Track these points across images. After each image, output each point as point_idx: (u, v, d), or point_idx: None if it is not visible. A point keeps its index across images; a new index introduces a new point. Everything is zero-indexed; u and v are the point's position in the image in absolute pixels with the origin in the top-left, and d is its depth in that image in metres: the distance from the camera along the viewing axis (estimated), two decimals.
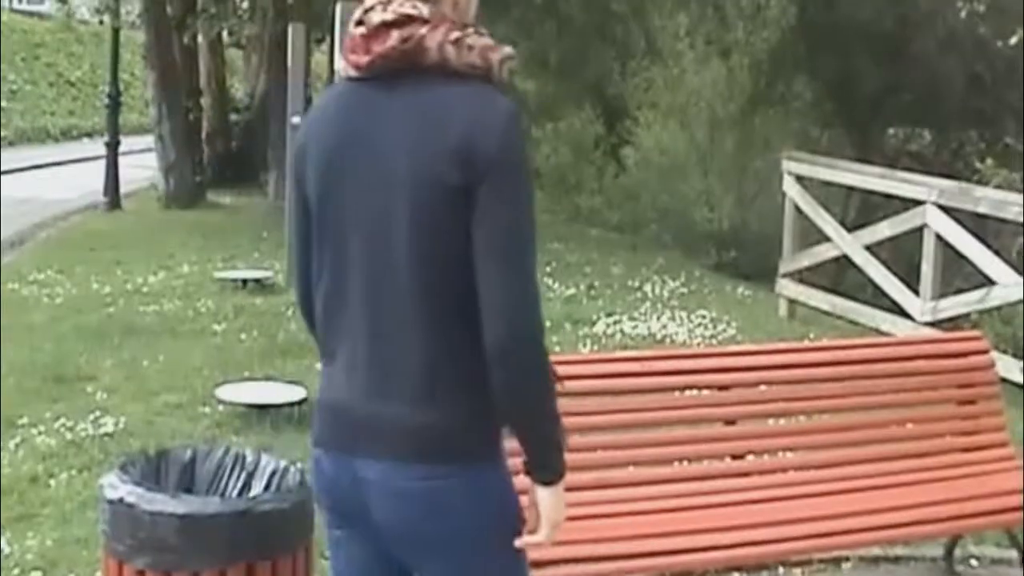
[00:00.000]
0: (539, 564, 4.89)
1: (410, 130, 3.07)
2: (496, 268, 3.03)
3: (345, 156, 3.16)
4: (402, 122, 3.08)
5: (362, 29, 3.13)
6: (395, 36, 3.07)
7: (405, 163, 3.07)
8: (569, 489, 4.63)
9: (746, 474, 5.81)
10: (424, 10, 3.09)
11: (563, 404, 5.50)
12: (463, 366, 3.10)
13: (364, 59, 3.13)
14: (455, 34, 3.08)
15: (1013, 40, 14.12)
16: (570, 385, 5.65)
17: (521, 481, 3.22)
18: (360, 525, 3.26)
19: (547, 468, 3.18)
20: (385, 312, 3.13)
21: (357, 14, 3.16)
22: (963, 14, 14.92)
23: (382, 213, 3.10)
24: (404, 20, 3.08)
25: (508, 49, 3.16)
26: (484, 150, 3.01)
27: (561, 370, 5.62)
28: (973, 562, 6.57)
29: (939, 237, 11.43)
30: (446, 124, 3.04)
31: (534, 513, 3.22)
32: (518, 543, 3.23)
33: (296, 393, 8.55)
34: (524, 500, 3.24)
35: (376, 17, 3.10)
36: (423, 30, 3.07)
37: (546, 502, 3.19)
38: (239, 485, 4.47)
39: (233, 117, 27.55)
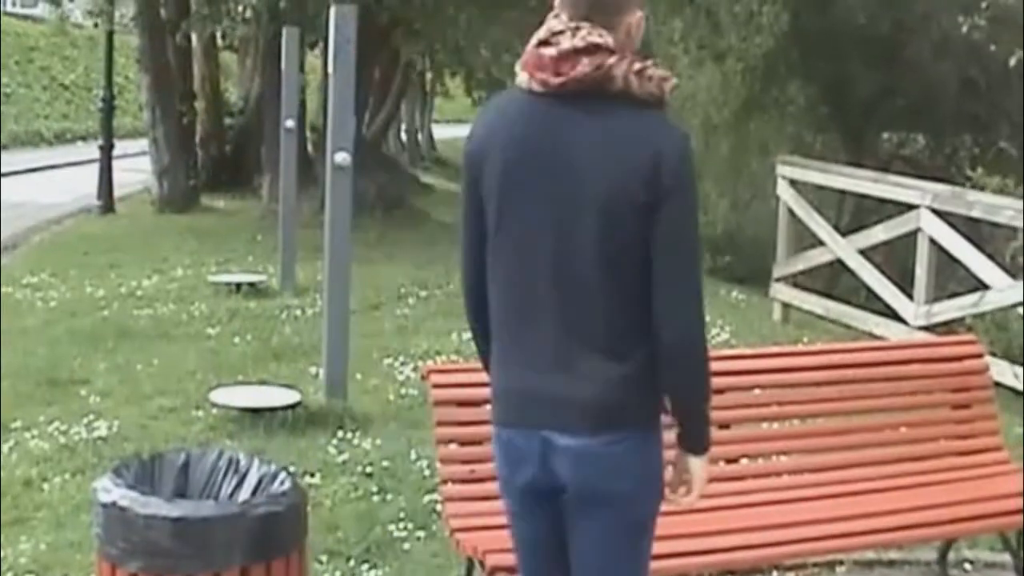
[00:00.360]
0: None
1: (601, 150, 3.52)
2: (669, 272, 3.55)
3: (530, 165, 3.60)
4: (591, 142, 3.53)
5: (552, 51, 3.55)
6: (586, 63, 3.50)
7: (596, 179, 3.53)
8: None
9: (740, 478, 5.81)
10: (609, 40, 3.51)
11: None
12: (637, 353, 3.61)
13: (556, 80, 3.54)
14: (637, 65, 3.53)
15: (1012, 61, 14.12)
16: None
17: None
18: (541, 495, 3.74)
19: (699, 442, 3.79)
20: (572, 305, 3.62)
21: (542, 34, 3.60)
22: (964, 29, 14.87)
23: (571, 220, 3.57)
24: (592, 48, 3.50)
25: (674, 79, 3.64)
26: (667, 174, 3.49)
27: None
28: (967, 566, 6.57)
29: (933, 241, 11.44)
30: (636, 149, 3.51)
31: (678, 478, 3.83)
32: (675, 503, 3.85)
33: (290, 397, 8.54)
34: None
35: (567, 43, 3.53)
36: (611, 60, 3.50)
37: (696, 469, 3.80)
38: (233, 489, 4.47)
39: (227, 121, 27.53)
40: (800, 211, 13.43)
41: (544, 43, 3.58)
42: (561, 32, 3.56)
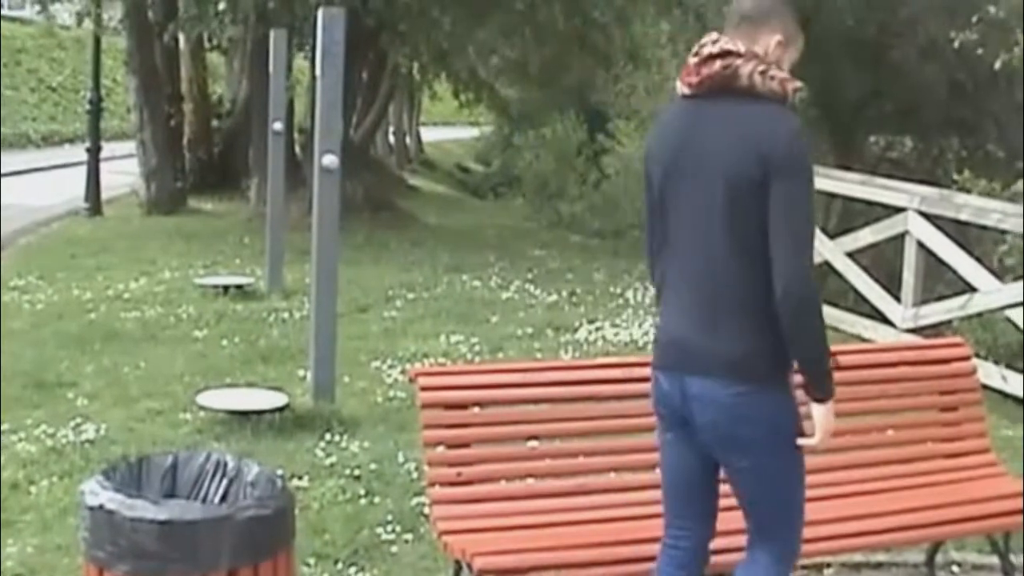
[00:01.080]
0: (521, 570, 4.89)
1: (727, 137, 4.25)
2: (781, 240, 4.16)
3: (681, 156, 4.37)
4: (721, 131, 4.28)
5: (696, 59, 4.34)
6: (718, 64, 4.28)
7: (723, 161, 4.24)
8: (549, 495, 4.70)
9: (727, 480, 5.81)
10: (741, 47, 4.29)
11: (544, 411, 5.50)
12: (762, 311, 4.23)
13: (694, 79, 4.35)
14: (762, 67, 4.27)
15: (997, 65, 14.13)
16: (552, 392, 5.67)
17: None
18: (685, 429, 4.43)
19: (818, 389, 4.36)
20: (708, 271, 4.32)
21: (695, 48, 4.38)
22: (956, 44, 14.88)
23: (706, 198, 4.29)
24: (725, 53, 4.28)
25: (799, 82, 4.34)
26: (777, 155, 4.17)
27: (543, 377, 5.62)
28: (955, 568, 6.58)
29: (921, 244, 11.46)
30: (752, 134, 4.22)
31: (810, 424, 4.38)
32: (800, 442, 4.38)
33: (277, 399, 8.54)
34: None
35: (706, 50, 4.32)
36: (739, 62, 4.27)
37: (819, 416, 4.38)
38: (220, 491, 4.47)
39: (215, 123, 27.50)
40: None
41: (694, 54, 4.36)
42: (704, 44, 4.35)
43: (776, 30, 4.40)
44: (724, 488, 4.61)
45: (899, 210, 11.79)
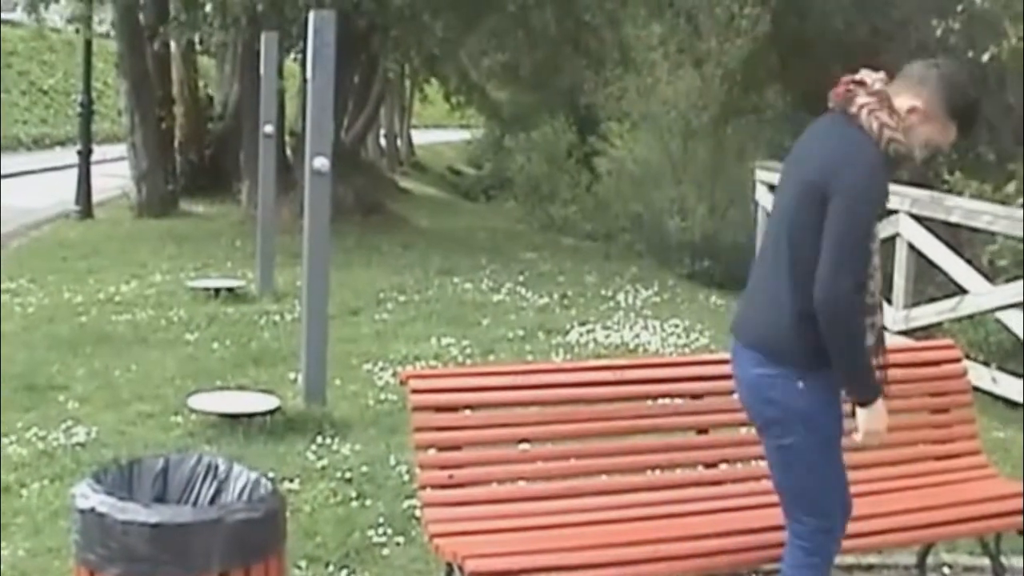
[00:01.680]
0: (512, 573, 4.89)
1: (818, 149, 4.70)
2: (828, 254, 4.49)
3: (790, 157, 4.89)
4: (817, 142, 4.75)
5: (841, 80, 4.76)
6: (844, 87, 4.72)
7: (806, 167, 4.68)
8: (541, 498, 4.70)
9: (719, 482, 5.82)
10: (875, 85, 4.71)
11: (535, 414, 5.50)
12: (799, 308, 4.57)
13: (830, 96, 4.76)
14: (874, 105, 4.65)
15: (985, 57, 14.15)
16: (543, 394, 5.67)
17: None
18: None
19: (856, 392, 4.70)
20: (771, 257, 4.77)
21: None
22: (939, 32, 14.91)
23: (786, 196, 4.81)
24: (858, 82, 4.72)
25: (895, 135, 4.64)
26: (844, 175, 4.52)
27: (534, 379, 5.62)
28: (946, 570, 6.58)
29: (911, 246, 11.48)
30: (834, 152, 4.62)
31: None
32: (846, 441, 4.80)
33: (268, 402, 8.54)
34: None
35: (855, 76, 4.76)
36: (860, 91, 4.69)
37: (861, 417, 4.70)
38: (211, 494, 4.47)
39: (206, 126, 27.49)
40: None
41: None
42: (860, 71, 4.81)
43: (919, 98, 4.69)
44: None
45: (890, 212, 11.80)
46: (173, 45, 24.54)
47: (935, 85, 4.70)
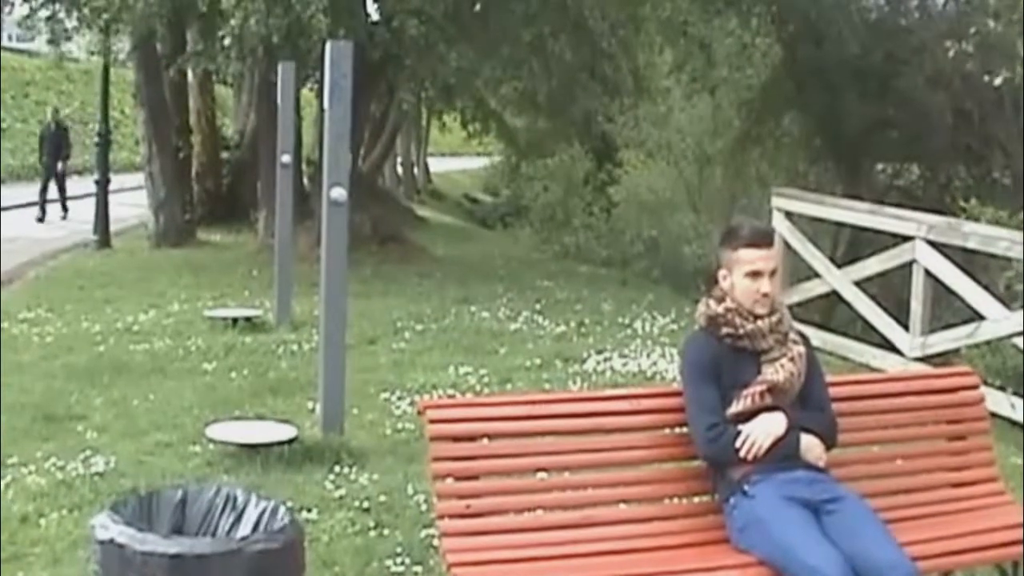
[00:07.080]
0: None
1: None
2: None
3: None
4: None
5: None
6: None
7: None
8: (558, 527, 4.70)
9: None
10: None
11: (552, 443, 5.49)
12: None
13: None
14: None
15: (998, 81, 14.20)
16: (560, 424, 5.67)
17: None
18: None
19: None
20: None
21: None
22: (951, 54, 14.99)
23: None
24: None
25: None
26: None
27: (551, 409, 5.61)
28: None
29: (928, 272, 11.48)
30: None
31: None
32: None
33: (286, 432, 8.54)
34: None
35: None
36: None
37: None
38: (230, 525, 4.48)
39: (223, 155, 27.59)
40: (795, 243, 13.47)
41: None
42: None
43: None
44: None
45: (907, 239, 11.81)
46: (190, 75, 24.65)
47: None
